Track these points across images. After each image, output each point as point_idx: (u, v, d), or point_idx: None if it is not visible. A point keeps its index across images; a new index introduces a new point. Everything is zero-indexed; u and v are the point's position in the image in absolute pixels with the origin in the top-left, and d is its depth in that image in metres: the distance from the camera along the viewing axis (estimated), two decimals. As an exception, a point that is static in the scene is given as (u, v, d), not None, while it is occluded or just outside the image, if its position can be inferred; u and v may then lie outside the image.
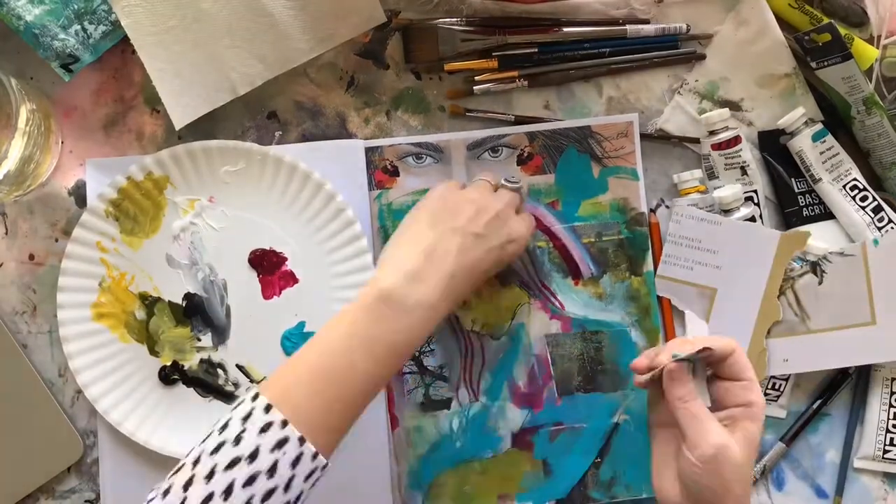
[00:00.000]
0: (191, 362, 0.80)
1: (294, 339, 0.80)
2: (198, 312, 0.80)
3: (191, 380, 0.80)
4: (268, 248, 0.81)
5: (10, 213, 0.81)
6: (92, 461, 0.80)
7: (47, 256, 0.80)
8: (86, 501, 0.81)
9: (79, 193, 0.81)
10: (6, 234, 0.81)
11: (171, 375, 0.80)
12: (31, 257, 0.81)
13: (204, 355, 0.80)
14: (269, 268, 0.81)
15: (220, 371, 0.80)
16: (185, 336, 0.80)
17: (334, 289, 0.81)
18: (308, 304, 0.81)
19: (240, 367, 0.80)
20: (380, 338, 0.65)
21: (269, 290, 0.81)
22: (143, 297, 0.80)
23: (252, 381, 0.80)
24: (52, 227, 0.81)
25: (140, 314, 0.80)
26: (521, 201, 0.79)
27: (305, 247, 0.81)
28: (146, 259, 0.80)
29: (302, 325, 0.81)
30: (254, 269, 0.81)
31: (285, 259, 0.81)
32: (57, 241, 0.80)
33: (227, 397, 0.80)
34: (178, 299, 0.80)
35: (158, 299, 0.80)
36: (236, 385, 0.80)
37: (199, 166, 0.80)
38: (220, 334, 0.81)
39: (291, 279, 0.81)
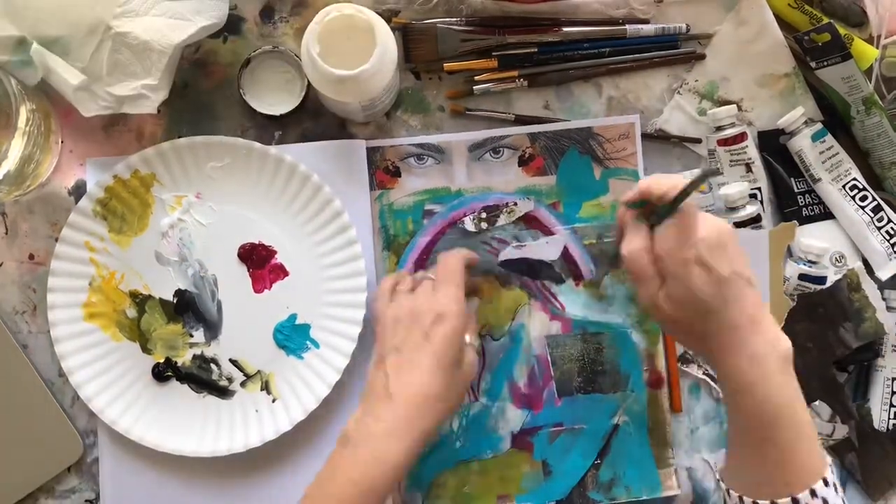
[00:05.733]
0: (184, 358, 0.80)
1: (286, 331, 0.80)
2: (189, 308, 0.80)
3: (184, 376, 0.80)
4: (257, 241, 0.81)
5: (10, 212, 0.81)
6: (92, 461, 0.80)
7: (47, 256, 0.80)
8: (86, 501, 0.81)
9: (79, 193, 0.81)
10: (6, 233, 0.81)
11: (164, 372, 0.80)
12: (32, 257, 0.81)
13: (197, 351, 0.80)
14: (259, 261, 0.81)
15: (213, 366, 0.80)
16: (177, 333, 0.80)
17: (325, 280, 0.81)
18: (299, 297, 0.81)
19: (233, 362, 0.80)
20: (337, 478, 0.66)
21: (259, 284, 0.81)
22: (134, 296, 0.80)
23: (246, 374, 0.80)
24: (53, 226, 0.81)
25: (131, 312, 0.80)
26: (453, 272, 0.73)
27: (294, 239, 0.81)
28: (135, 257, 0.80)
29: (294, 317, 0.81)
30: (243, 264, 0.81)
31: (275, 252, 0.81)
32: (57, 240, 0.80)
33: (222, 392, 0.80)
34: (169, 296, 0.80)
35: (149, 297, 0.80)
36: (230, 380, 0.80)
37: (185, 163, 0.80)
38: (213, 329, 0.81)
39: (282, 272, 0.81)
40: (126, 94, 0.75)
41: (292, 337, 0.80)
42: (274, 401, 0.80)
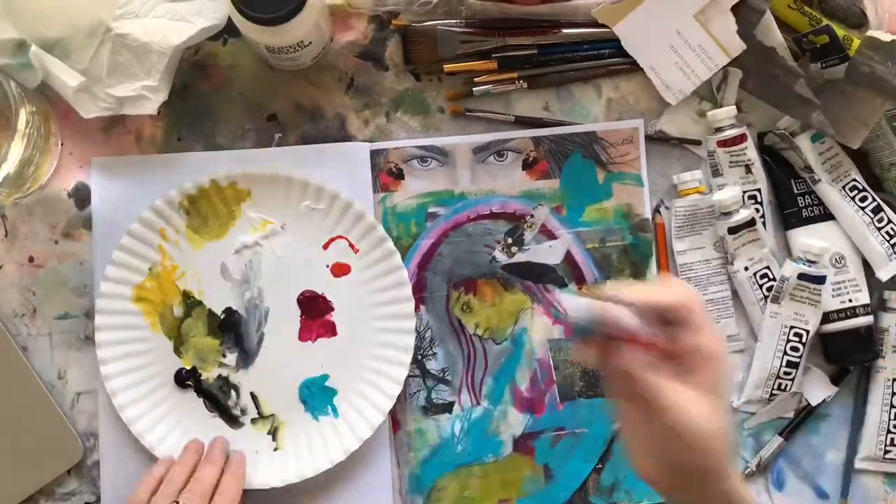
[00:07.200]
0: (209, 374, 0.79)
1: (313, 388, 0.80)
2: (232, 329, 0.80)
3: (203, 390, 0.80)
4: (320, 293, 0.80)
5: (9, 215, 0.81)
6: (92, 463, 0.80)
7: (47, 259, 0.80)
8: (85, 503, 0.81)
9: (79, 195, 0.81)
10: (6, 236, 0.81)
11: (186, 380, 0.79)
12: (31, 259, 0.81)
13: (223, 372, 0.80)
14: (315, 313, 0.80)
15: (233, 392, 0.80)
16: (212, 347, 0.80)
17: (368, 358, 0.80)
18: (338, 360, 0.80)
19: (253, 396, 0.80)
20: None
21: (306, 334, 0.80)
22: (186, 296, 0.80)
23: (259, 413, 0.80)
24: (52, 229, 0.81)
25: (178, 311, 0.80)
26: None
27: (355, 306, 0.80)
28: (202, 260, 0.80)
29: (325, 377, 0.80)
30: (299, 309, 0.80)
31: (332, 310, 0.80)
32: (57, 243, 0.80)
33: (231, 420, 0.80)
34: (218, 311, 0.80)
35: (199, 303, 0.80)
36: (243, 411, 0.80)
37: (283, 193, 0.80)
38: (246, 358, 0.80)
39: (331, 331, 0.80)
40: (126, 96, 0.75)
41: (317, 395, 0.80)
42: (275, 450, 0.79)
